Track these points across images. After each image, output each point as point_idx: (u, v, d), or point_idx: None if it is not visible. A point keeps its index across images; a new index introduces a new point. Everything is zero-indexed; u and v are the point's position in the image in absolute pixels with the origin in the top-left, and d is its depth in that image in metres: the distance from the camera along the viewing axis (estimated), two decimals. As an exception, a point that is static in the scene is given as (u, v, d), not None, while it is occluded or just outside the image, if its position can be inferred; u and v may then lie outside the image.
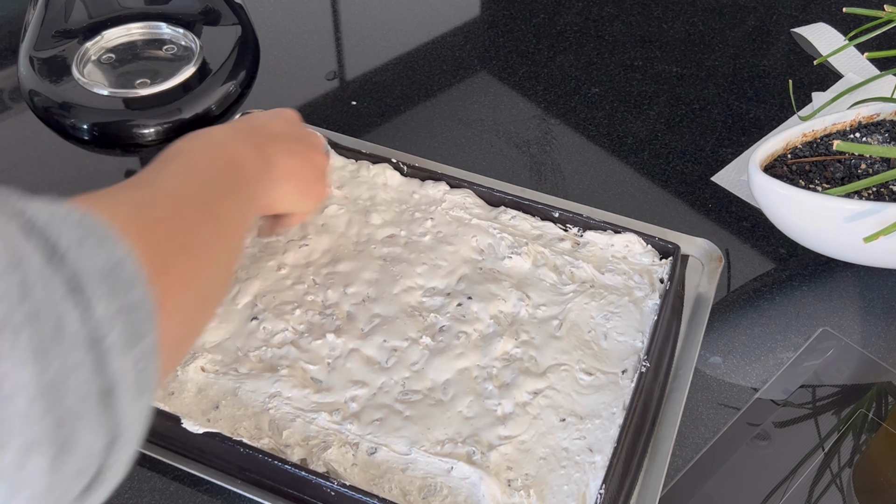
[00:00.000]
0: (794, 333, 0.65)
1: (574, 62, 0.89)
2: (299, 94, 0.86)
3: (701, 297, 0.65)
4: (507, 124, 0.83)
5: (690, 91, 0.86)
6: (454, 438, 0.55)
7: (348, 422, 0.55)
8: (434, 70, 0.89)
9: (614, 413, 0.56)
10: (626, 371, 0.58)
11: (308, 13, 0.96)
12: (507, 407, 0.56)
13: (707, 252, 0.68)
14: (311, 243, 0.66)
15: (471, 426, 0.55)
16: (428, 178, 0.70)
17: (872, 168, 0.67)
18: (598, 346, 0.60)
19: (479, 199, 0.69)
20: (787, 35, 0.92)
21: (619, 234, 0.65)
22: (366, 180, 0.71)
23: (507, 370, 0.58)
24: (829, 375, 0.63)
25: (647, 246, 0.65)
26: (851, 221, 0.61)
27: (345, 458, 0.54)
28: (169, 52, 0.86)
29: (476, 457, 0.54)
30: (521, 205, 0.68)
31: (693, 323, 0.64)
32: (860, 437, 0.60)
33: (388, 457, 0.54)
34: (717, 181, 0.77)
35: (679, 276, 0.64)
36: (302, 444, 0.55)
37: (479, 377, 0.58)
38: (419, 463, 0.54)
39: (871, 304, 0.67)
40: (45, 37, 0.86)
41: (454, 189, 0.70)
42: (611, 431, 0.55)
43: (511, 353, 0.59)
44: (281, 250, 0.65)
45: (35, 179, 0.77)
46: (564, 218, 0.67)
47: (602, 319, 0.61)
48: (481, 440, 0.55)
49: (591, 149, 0.80)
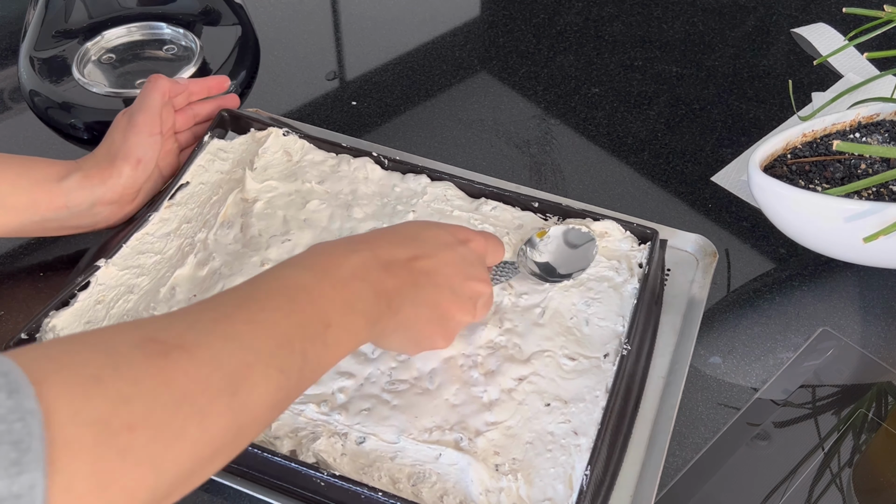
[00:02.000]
0: (794, 333, 0.65)
1: (574, 62, 0.89)
2: (299, 94, 0.86)
3: (696, 292, 0.66)
4: (507, 124, 0.83)
5: (690, 91, 0.86)
6: (441, 426, 0.55)
7: (336, 412, 0.56)
8: (434, 70, 0.89)
9: (597, 396, 0.57)
10: (607, 355, 0.59)
11: (308, 13, 0.96)
12: (492, 394, 0.57)
13: (701, 247, 0.68)
14: (293, 238, 0.66)
15: (458, 413, 0.56)
16: (409, 171, 0.71)
17: (872, 168, 0.67)
18: (580, 332, 0.61)
19: (460, 191, 0.70)
20: (787, 35, 0.92)
21: (597, 221, 0.66)
22: (346, 174, 0.71)
23: (492, 358, 0.59)
24: (829, 375, 0.63)
25: (626, 232, 0.66)
26: (851, 221, 0.61)
27: (334, 448, 0.54)
28: (169, 52, 0.86)
29: (464, 443, 0.54)
30: (501, 196, 0.69)
31: (688, 318, 0.64)
32: (860, 437, 0.60)
33: (377, 446, 0.54)
34: (717, 181, 0.77)
35: (658, 259, 0.64)
36: (291, 435, 0.55)
37: (465, 365, 0.59)
38: (408, 451, 0.54)
39: (871, 304, 0.67)
40: (46, 37, 0.86)
41: (435, 181, 0.70)
42: (594, 414, 0.56)
43: (495, 341, 0.60)
44: (263, 246, 0.65)
45: (35, 179, 0.77)
46: (544, 207, 0.68)
47: (583, 306, 0.62)
48: (468, 427, 0.55)
49: (591, 149, 0.80)
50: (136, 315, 0.61)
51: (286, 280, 0.45)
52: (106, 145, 0.67)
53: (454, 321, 0.54)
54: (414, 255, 0.51)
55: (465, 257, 0.53)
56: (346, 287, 0.46)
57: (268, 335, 0.41)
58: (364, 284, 0.47)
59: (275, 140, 0.72)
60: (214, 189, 0.70)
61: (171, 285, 0.63)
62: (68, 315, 0.60)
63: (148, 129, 0.67)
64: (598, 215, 0.66)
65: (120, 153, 0.66)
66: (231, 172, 0.71)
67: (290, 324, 0.42)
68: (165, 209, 0.68)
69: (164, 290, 0.62)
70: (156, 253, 0.65)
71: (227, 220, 0.67)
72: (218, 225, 0.67)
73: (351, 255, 0.48)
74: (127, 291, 0.63)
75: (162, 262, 0.65)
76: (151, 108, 0.67)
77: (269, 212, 0.68)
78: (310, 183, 0.70)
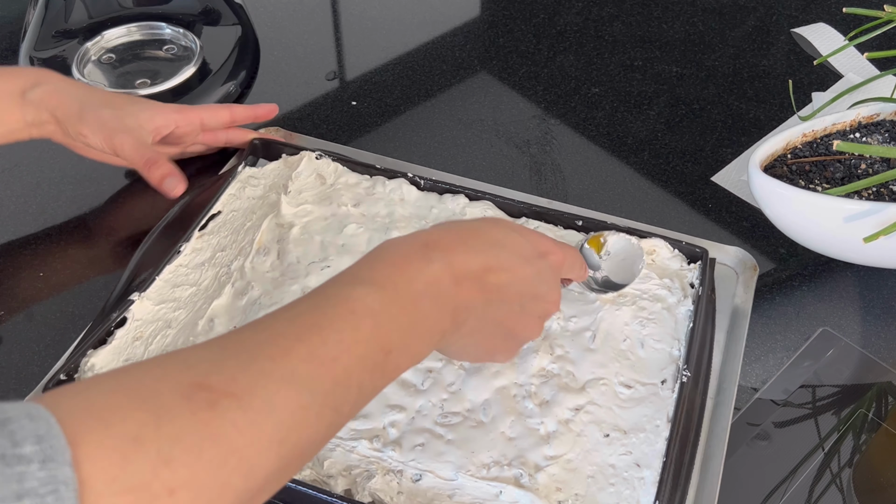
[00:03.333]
0: (794, 333, 0.65)
1: (574, 62, 0.89)
2: (299, 94, 0.86)
3: (738, 307, 0.64)
4: (507, 124, 0.83)
5: (690, 91, 0.86)
6: (499, 461, 0.53)
7: (390, 448, 0.54)
8: (434, 70, 0.89)
9: (658, 426, 0.55)
10: (665, 381, 0.57)
11: (308, 13, 0.96)
12: (549, 425, 0.55)
13: (741, 261, 0.67)
14: (332, 265, 0.64)
15: (515, 447, 0.54)
16: (446, 192, 0.69)
17: (872, 168, 0.67)
18: (634, 356, 0.59)
19: (500, 210, 0.68)
20: (787, 35, 0.92)
21: (644, 238, 0.64)
22: (382, 196, 0.69)
23: (545, 387, 0.57)
24: (829, 375, 0.63)
25: (675, 251, 0.64)
26: (851, 221, 0.61)
27: (390, 486, 0.53)
28: (169, 53, 0.86)
29: (524, 479, 0.53)
30: (543, 215, 0.67)
31: (733, 335, 0.62)
32: (860, 437, 0.60)
33: (434, 483, 0.53)
34: (717, 181, 0.77)
35: (710, 279, 0.62)
36: (344, 473, 0.53)
37: (518, 395, 0.57)
38: (466, 488, 0.52)
39: (871, 304, 0.67)
40: (46, 37, 0.86)
41: (473, 201, 0.68)
42: (657, 445, 0.54)
43: (548, 368, 0.58)
44: (303, 273, 0.64)
45: (35, 179, 0.77)
46: (589, 225, 0.66)
47: (637, 326, 0.60)
48: (527, 461, 0.53)
49: (591, 149, 0.80)
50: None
51: (353, 303, 0.41)
52: (103, 108, 0.68)
53: (520, 338, 0.51)
54: (489, 266, 0.46)
55: (541, 273, 0.49)
56: (415, 307, 0.42)
57: (328, 374, 0.38)
58: (434, 304, 0.43)
59: (308, 164, 0.71)
60: (248, 215, 0.68)
61: (208, 317, 0.61)
62: (107, 353, 0.59)
63: (136, 154, 0.68)
64: (644, 233, 0.65)
65: (98, 128, 0.66)
66: (264, 197, 0.69)
67: (351, 357, 0.39)
68: (197, 239, 0.66)
69: (203, 322, 0.61)
70: (191, 285, 0.63)
71: (263, 247, 0.66)
72: (254, 252, 0.65)
73: (425, 268, 0.44)
74: (165, 326, 0.61)
75: (198, 293, 0.63)
76: (143, 140, 0.69)
77: (305, 237, 0.66)
78: (346, 206, 0.68)
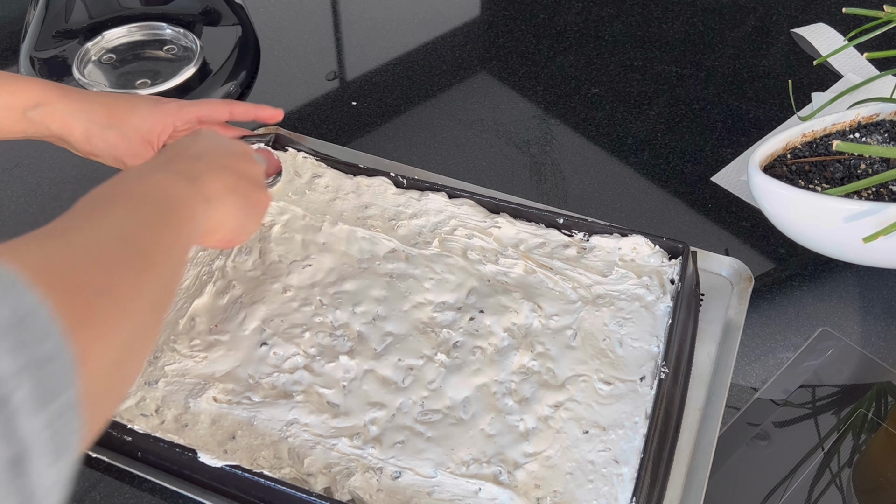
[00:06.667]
0: (794, 333, 0.65)
1: (574, 62, 0.90)
2: (299, 94, 0.86)
3: (731, 319, 0.64)
4: (507, 124, 0.83)
5: (690, 91, 0.86)
6: (479, 458, 0.54)
7: (370, 446, 0.54)
8: (434, 70, 0.89)
9: (636, 422, 0.55)
10: (644, 378, 0.58)
11: (308, 13, 0.96)
12: (529, 422, 0.55)
13: (736, 272, 0.66)
14: (314, 263, 0.64)
15: (495, 444, 0.54)
16: (427, 189, 0.69)
17: (872, 168, 0.67)
18: (614, 354, 0.59)
19: (481, 207, 0.68)
20: (787, 35, 0.92)
21: (626, 237, 0.64)
22: (363, 193, 0.69)
23: (525, 384, 0.57)
24: (829, 375, 0.63)
25: (656, 247, 0.64)
26: (851, 221, 0.61)
27: (369, 484, 0.53)
28: (170, 53, 0.86)
29: (503, 476, 0.53)
30: (522, 213, 0.67)
31: (724, 347, 0.62)
32: (860, 437, 0.60)
33: (414, 480, 0.53)
34: (717, 181, 0.77)
35: (691, 274, 0.62)
36: (324, 471, 0.53)
37: (499, 392, 0.57)
38: (445, 485, 0.53)
39: (871, 304, 0.67)
40: (46, 37, 0.86)
41: (453, 199, 0.68)
42: (635, 442, 0.54)
43: (528, 366, 0.58)
44: (284, 272, 0.64)
45: (35, 179, 0.77)
46: (569, 223, 0.66)
47: (615, 326, 0.60)
48: (507, 458, 0.54)
49: (591, 149, 0.80)
50: (156, 351, 0.60)
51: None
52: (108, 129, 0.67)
53: (253, 173, 0.56)
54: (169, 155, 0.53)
55: (207, 137, 0.56)
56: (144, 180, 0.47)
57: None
58: (164, 174, 0.49)
59: (289, 163, 0.71)
60: None
61: (189, 316, 0.61)
62: None
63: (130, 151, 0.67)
64: (626, 230, 0.65)
65: (107, 152, 0.66)
66: None
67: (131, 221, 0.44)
68: None
69: (184, 321, 0.61)
70: None
71: (244, 246, 0.66)
72: (236, 251, 0.65)
73: (129, 171, 0.49)
74: None
75: (179, 292, 0.63)
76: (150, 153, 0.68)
77: (287, 236, 0.66)
78: (326, 204, 0.69)
